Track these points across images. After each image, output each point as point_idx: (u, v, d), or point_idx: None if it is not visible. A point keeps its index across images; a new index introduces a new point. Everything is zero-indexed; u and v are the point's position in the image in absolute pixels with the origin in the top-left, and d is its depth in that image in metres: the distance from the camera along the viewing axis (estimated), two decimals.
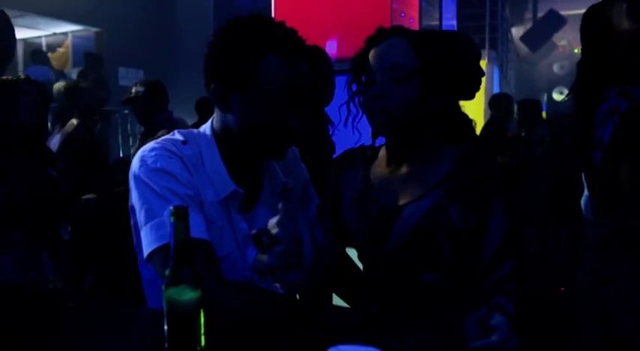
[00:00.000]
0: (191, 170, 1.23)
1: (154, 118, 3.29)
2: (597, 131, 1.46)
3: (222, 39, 1.22)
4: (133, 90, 3.35)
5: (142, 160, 1.22)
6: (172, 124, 3.23)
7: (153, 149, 1.23)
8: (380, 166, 1.34)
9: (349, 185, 1.35)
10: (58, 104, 4.20)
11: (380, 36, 1.26)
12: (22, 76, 2.36)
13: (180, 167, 1.21)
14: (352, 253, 1.43)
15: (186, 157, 1.23)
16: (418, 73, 1.20)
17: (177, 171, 1.20)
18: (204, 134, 1.30)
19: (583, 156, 1.54)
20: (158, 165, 1.19)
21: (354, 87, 1.30)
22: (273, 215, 1.35)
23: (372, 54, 1.24)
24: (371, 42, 1.26)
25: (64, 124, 3.93)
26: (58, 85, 4.48)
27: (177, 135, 1.29)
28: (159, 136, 1.27)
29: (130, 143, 6.65)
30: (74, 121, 3.83)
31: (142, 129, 3.50)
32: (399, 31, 1.26)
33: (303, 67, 1.24)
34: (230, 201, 1.27)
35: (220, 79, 1.23)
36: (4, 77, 2.29)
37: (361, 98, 1.28)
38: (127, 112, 6.33)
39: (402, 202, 1.26)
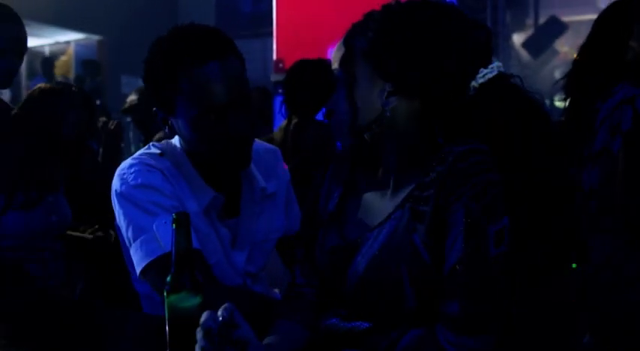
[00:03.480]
0: (172, 182, 1.21)
1: (152, 124, 3.17)
2: (609, 120, 1.48)
3: (146, 65, 1.21)
4: (128, 100, 3.31)
5: (122, 179, 1.20)
6: None
7: (131, 166, 1.21)
8: (369, 169, 1.05)
9: (326, 201, 1.10)
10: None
11: None
12: (75, 89, 2.21)
13: (162, 180, 1.20)
14: None
15: (165, 169, 1.22)
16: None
17: (160, 184, 1.19)
18: (175, 146, 1.29)
19: (579, 153, 1.55)
20: (139, 180, 1.18)
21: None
22: (255, 221, 1.34)
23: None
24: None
25: None
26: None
27: (152, 148, 1.28)
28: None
29: (132, 151, 6.62)
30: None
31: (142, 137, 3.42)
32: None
33: (228, 68, 1.14)
34: (211, 209, 1.25)
35: (155, 104, 1.22)
36: (53, 86, 2.13)
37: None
38: (129, 120, 6.31)
39: (368, 228, 0.97)
